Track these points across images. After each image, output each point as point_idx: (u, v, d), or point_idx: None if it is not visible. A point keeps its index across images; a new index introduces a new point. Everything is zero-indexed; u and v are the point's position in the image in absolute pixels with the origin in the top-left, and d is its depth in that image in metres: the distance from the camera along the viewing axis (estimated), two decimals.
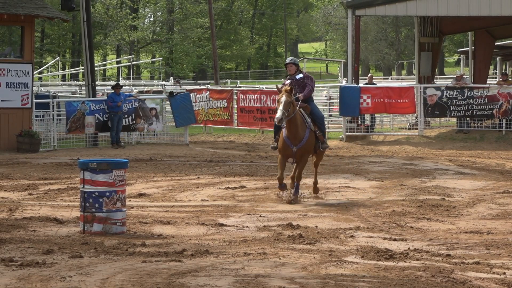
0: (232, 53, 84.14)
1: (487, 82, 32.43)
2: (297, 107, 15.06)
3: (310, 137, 15.25)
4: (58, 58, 66.26)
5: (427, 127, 29.10)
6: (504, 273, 9.48)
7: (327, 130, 30.47)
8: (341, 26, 70.00)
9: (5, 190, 16.68)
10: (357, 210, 14.44)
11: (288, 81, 15.51)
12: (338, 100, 29.13)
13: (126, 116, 26.90)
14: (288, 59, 15.93)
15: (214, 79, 44.69)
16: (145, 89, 35.84)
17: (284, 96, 14.79)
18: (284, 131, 15.20)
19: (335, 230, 12.35)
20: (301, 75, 15.56)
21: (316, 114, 15.59)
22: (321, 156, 16.32)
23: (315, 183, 15.98)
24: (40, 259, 9.82)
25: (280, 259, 10.16)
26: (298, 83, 15.45)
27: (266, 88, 35.80)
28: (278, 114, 14.75)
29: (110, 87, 32.59)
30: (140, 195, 16.06)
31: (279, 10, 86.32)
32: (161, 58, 68.99)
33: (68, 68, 73.14)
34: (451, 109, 27.79)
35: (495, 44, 35.54)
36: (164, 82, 46.31)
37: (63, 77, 65.14)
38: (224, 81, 57.67)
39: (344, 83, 35.24)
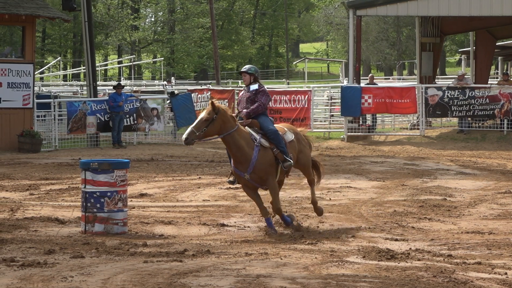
0: (233, 53, 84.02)
1: (489, 82, 32.41)
2: (236, 125, 12.17)
3: (262, 156, 12.19)
4: (59, 58, 66.13)
5: (428, 127, 29.09)
6: (506, 273, 9.47)
7: (328, 130, 30.93)
8: (342, 26, 69.86)
9: (7, 190, 16.68)
10: (359, 210, 14.43)
11: (241, 93, 13.01)
12: (340, 100, 29.13)
13: (127, 116, 26.92)
14: (244, 68, 13.01)
15: (216, 79, 44.64)
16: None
17: (203, 112, 12.08)
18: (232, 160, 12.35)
19: (336, 230, 12.35)
20: (255, 87, 12.88)
21: (266, 129, 12.46)
22: (310, 171, 13.42)
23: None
24: (41, 259, 9.82)
25: (281, 259, 10.15)
26: (250, 97, 12.78)
27: (267, 88, 35.67)
28: (185, 133, 11.88)
29: (111, 87, 32.58)
30: (142, 195, 16.07)
31: (280, 10, 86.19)
32: (162, 58, 68.95)
33: (70, 68, 73.10)
34: (453, 109, 27.78)
35: (496, 44, 35.51)
36: (164, 82, 46.28)
37: (65, 77, 65.11)
38: (226, 81, 57.60)
39: (345, 83, 35.18)
